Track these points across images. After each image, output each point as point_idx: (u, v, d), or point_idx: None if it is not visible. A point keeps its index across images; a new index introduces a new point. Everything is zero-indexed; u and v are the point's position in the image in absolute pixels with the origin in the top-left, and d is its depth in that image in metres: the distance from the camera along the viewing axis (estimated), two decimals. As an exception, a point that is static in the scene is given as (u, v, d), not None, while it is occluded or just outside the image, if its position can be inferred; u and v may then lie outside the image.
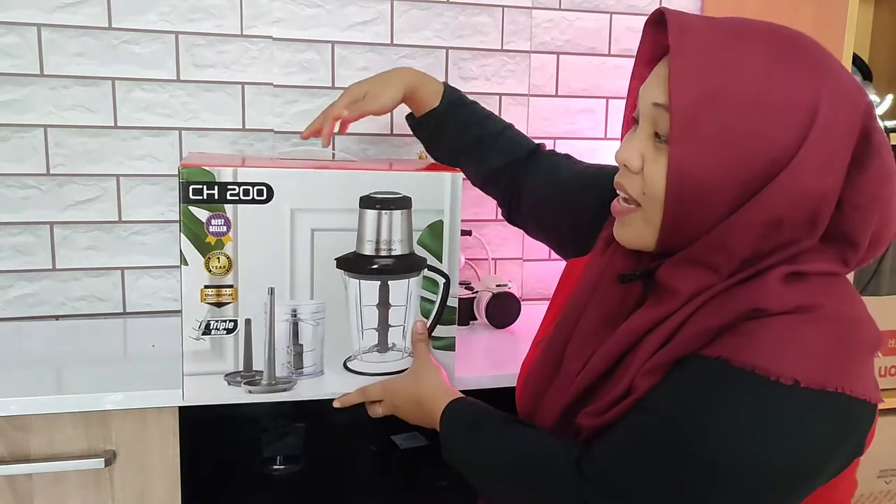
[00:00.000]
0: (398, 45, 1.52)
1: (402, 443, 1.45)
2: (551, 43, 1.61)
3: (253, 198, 0.93)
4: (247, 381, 0.99)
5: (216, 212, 0.93)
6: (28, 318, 1.42)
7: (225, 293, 0.96)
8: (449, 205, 1.01)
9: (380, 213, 0.98)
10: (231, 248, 0.94)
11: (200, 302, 0.95)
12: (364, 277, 1.00)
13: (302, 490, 1.37)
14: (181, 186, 0.91)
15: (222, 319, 0.96)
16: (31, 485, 1.05)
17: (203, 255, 0.94)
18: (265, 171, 0.94)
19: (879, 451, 0.93)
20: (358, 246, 0.99)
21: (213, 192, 0.92)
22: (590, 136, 1.65)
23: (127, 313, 1.47)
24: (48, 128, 1.39)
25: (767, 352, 0.66)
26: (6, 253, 1.40)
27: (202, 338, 0.96)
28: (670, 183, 0.70)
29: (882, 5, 1.72)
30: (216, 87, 1.44)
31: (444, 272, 1.03)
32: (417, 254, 1.01)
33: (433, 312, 1.04)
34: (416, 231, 1.00)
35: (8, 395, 1.02)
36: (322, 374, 1.02)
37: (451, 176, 1.01)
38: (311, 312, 0.99)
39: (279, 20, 1.45)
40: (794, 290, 0.69)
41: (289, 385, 1.01)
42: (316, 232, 0.97)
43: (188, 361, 0.97)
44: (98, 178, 1.42)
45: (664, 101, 0.71)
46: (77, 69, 1.38)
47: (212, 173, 0.92)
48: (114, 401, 1.04)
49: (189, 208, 0.92)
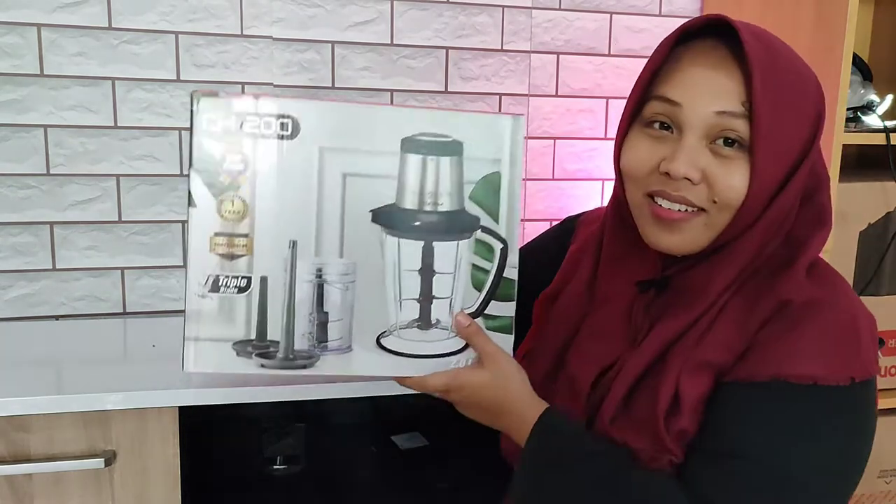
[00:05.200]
0: (398, 45, 1.52)
1: (403, 443, 1.45)
2: (551, 43, 1.61)
3: (276, 132, 0.80)
4: (259, 353, 0.82)
5: (233, 146, 0.79)
6: (28, 318, 1.42)
7: (238, 244, 0.81)
8: (508, 154, 0.84)
9: (425, 159, 0.82)
10: (247, 191, 0.80)
11: (209, 252, 0.80)
12: (404, 235, 0.83)
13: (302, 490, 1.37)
14: (194, 115, 0.78)
15: (234, 275, 0.81)
16: (31, 485, 1.05)
17: (215, 197, 0.79)
18: (291, 102, 0.80)
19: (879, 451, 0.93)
20: (398, 198, 0.82)
21: (230, 123, 0.79)
22: (590, 137, 1.65)
23: (127, 313, 1.47)
24: (48, 128, 1.39)
25: (815, 356, 0.71)
26: (6, 253, 1.40)
27: (209, 295, 0.80)
28: (755, 187, 0.72)
29: (882, 5, 1.72)
30: (216, 87, 1.44)
31: (500, 236, 0.85)
32: (469, 211, 0.84)
33: (487, 285, 0.86)
34: (467, 184, 0.83)
35: (8, 395, 1.02)
36: (350, 349, 0.85)
37: (513, 119, 0.83)
38: (339, 274, 0.83)
39: (279, 20, 1.45)
40: (813, 281, 0.76)
41: (309, 361, 0.84)
42: (348, 177, 0.82)
43: (191, 322, 0.81)
44: (98, 178, 1.42)
45: (735, 108, 0.72)
46: (77, 69, 1.38)
47: (230, 101, 0.79)
48: (114, 401, 1.04)
49: (202, 140, 0.79)
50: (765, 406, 0.71)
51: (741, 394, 0.72)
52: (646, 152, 0.77)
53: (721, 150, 0.73)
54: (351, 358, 0.85)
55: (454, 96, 1.56)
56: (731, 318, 0.75)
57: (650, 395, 0.76)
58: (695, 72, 0.74)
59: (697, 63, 0.75)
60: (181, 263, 1.48)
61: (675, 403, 0.74)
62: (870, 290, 1.46)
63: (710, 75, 0.74)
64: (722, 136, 0.73)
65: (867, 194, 1.44)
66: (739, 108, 0.72)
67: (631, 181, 0.79)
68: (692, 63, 0.75)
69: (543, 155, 1.63)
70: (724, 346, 0.74)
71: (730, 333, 0.74)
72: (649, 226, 0.78)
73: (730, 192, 0.73)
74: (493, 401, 0.82)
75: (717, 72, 0.73)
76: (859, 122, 1.44)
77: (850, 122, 1.43)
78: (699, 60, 0.75)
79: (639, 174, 0.77)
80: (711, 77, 0.73)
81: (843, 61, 1.30)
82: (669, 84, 0.75)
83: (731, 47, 0.73)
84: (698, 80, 0.74)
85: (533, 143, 1.62)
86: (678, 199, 0.75)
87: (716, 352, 0.74)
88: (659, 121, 0.76)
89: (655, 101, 0.76)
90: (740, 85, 0.72)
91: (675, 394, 0.74)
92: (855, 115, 1.44)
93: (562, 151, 1.64)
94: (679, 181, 0.74)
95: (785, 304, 0.73)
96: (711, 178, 0.73)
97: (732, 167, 0.73)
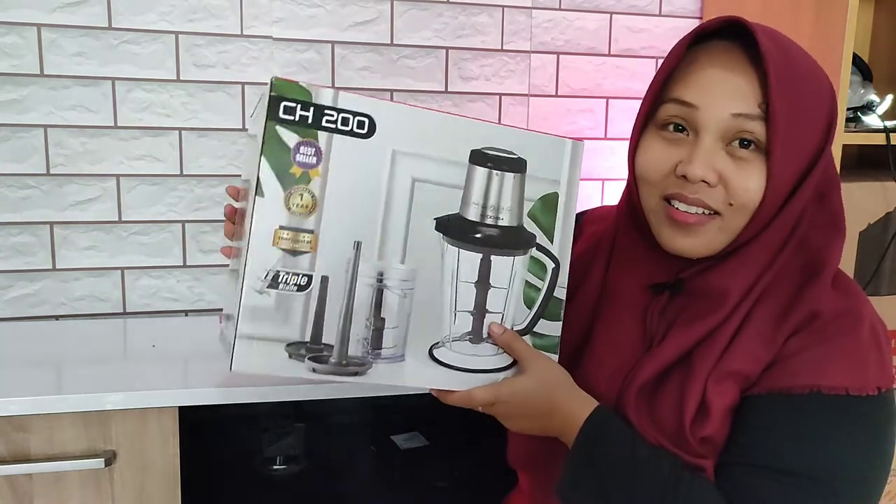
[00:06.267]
0: (398, 45, 1.52)
1: (403, 443, 1.45)
2: (551, 43, 1.61)
3: (352, 129, 0.78)
4: (312, 357, 0.80)
5: (307, 138, 0.77)
6: (28, 318, 1.42)
7: (303, 239, 0.78)
8: (567, 176, 0.85)
9: (490, 173, 0.82)
10: (318, 186, 0.77)
11: (272, 245, 0.77)
12: (465, 246, 0.83)
13: (302, 490, 1.37)
14: (271, 101, 0.75)
15: (295, 272, 0.78)
16: (31, 485, 1.05)
17: (285, 189, 0.76)
18: (370, 101, 0.78)
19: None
20: (462, 208, 0.82)
21: (308, 115, 0.76)
22: (590, 136, 1.65)
23: (127, 313, 1.47)
24: (48, 128, 1.39)
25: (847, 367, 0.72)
26: (6, 253, 1.40)
27: (267, 291, 0.77)
28: (771, 189, 0.73)
29: (882, 5, 1.72)
30: (216, 87, 1.44)
31: (553, 255, 0.86)
32: (527, 228, 0.85)
33: (537, 302, 0.86)
34: (527, 201, 0.84)
35: (8, 395, 1.02)
36: (403, 359, 0.83)
37: (573, 143, 0.85)
38: (399, 280, 0.81)
39: (279, 20, 1.45)
40: (839, 291, 0.77)
41: (361, 368, 0.82)
42: (417, 183, 0.81)
43: (245, 320, 0.77)
44: (98, 178, 1.42)
45: (751, 110, 0.72)
46: (77, 69, 1.38)
47: (309, 91, 0.76)
48: (114, 401, 1.04)
49: (276, 128, 0.76)
50: (808, 419, 0.72)
51: (781, 406, 0.73)
52: (661, 155, 0.76)
53: (737, 151, 0.73)
54: (403, 368, 0.83)
55: (454, 96, 1.56)
56: (758, 329, 0.75)
57: (675, 402, 0.76)
58: (711, 73, 0.74)
59: (713, 65, 0.74)
60: (181, 263, 1.48)
61: (701, 411, 0.74)
62: (870, 290, 1.46)
63: (726, 77, 0.73)
64: (738, 137, 0.73)
65: (867, 194, 1.44)
66: (756, 110, 0.72)
67: (646, 184, 0.78)
68: (708, 65, 0.75)
69: (543, 155, 1.63)
70: (751, 356, 0.74)
71: (756, 344, 0.75)
72: (664, 228, 0.77)
73: (746, 194, 0.73)
74: (541, 406, 0.80)
75: (734, 73, 0.73)
76: (859, 122, 1.44)
77: (850, 122, 1.43)
78: (715, 62, 0.74)
79: (654, 177, 0.77)
80: (727, 79, 0.73)
81: (843, 61, 1.30)
82: (685, 86, 0.75)
83: (746, 49, 0.73)
84: (714, 81, 0.74)
85: (533, 143, 1.62)
86: (694, 201, 0.74)
87: (743, 362, 0.74)
88: (674, 123, 0.76)
89: (671, 104, 0.76)
90: (756, 86, 0.72)
91: (701, 401, 0.74)
92: (855, 115, 1.44)
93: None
94: (696, 184, 0.74)
95: (815, 314, 0.74)
96: (728, 180, 0.73)
97: (749, 169, 0.73)
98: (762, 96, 0.72)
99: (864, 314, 0.76)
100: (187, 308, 1.50)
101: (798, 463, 0.71)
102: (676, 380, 0.77)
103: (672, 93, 0.76)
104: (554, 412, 0.79)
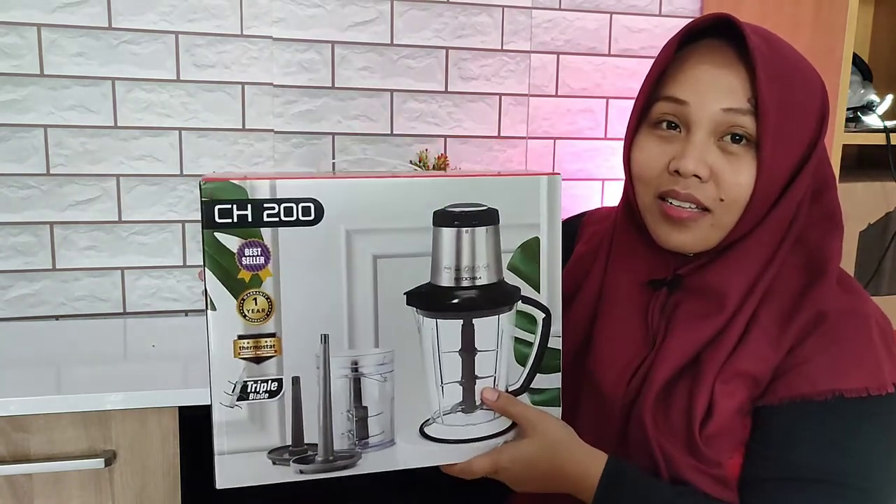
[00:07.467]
0: (398, 45, 1.52)
1: (402, 443, 1.44)
2: (551, 43, 1.61)
3: (297, 218, 0.73)
4: (297, 459, 0.78)
5: (251, 238, 0.72)
6: (28, 318, 1.42)
7: (265, 345, 0.74)
8: (546, 216, 0.78)
9: (459, 232, 0.76)
10: (271, 286, 0.73)
11: (234, 357, 0.73)
12: (442, 316, 0.78)
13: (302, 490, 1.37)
14: (204, 207, 0.70)
15: (263, 379, 0.75)
16: (31, 485, 1.05)
17: (235, 297, 0.72)
18: (312, 183, 0.73)
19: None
20: (433, 276, 0.77)
21: (246, 213, 0.71)
22: (590, 136, 1.65)
23: (127, 313, 1.47)
24: (48, 128, 1.39)
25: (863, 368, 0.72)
26: (6, 253, 1.40)
27: (237, 404, 0.75)
28: (762, 183, 0.73)
29: (882, 5, 1.72)
30: (216, 87, 1.44)
31: (542, 304, 0.80)
32: (508, 282, 0.79)
33: (530, 358, 0.81)
34: (505, 253, 0.78)
35: (8, 395, 1.02)
36: (393, 443, 0.80)
37: (548, 179, 0.78)
38: (376, 365, 0.77)
39: (279, 20, 1.45)
40: (844, 289, 0.77)
41: (350, 461, 0.80)
42: (379, 260, 0.76)
43: (220, 435, 0.76)
44: (98, 178, 1.42)
45: (741, 105, 0.73)
46: (77, 69, 1.38)
47: (243, 188, 0.71)
48: (114, 401, 1.04)
49: (215, 235, 0.71)
50: (833, 424, 0.72)
51: (804, 414, 0.73)
52: (655, 152, 0.77)
53: (729, 146, 0.74)
54: (394, 452, 0.80)
55: (454, 96, 1.56)
56: (764, 330, 0.75)
57: (685, 408, 0.76)
58: (701, 70, 0.75)
59: (703, 62, 0.75)
60: (181, 263, 1.48)
61: (708, 413, 0.75)
62: (870, 290, 1.46)
63: (716, 73, 0.74)
64: (729, 132, 0.74)
65: (867, 194, 1.44)
66: (746, 105, 0.73)
67: (641, 183, 0.79)
68: (698, 62, 0.76)
69: (543, 155, 1.63)
70: (758, 357, 0.75)
71: (763, 345, 0.75)
72: (659, 225, 0.78)
73: (737, 188, 0.73)
74: (546, 468, 0.77)
75: (723, 70, 0.74)
76: (859, 122, 1.44)
77: (850, 122, 1.43)
78: (705, 59, 0.75)
79: (649, 175, 0.78)
80: (718, 75, 0.74)
81: (843, 61, 1.30)
82: (676, 84, 0.76)
83: (735, 46, 0.74)
84: (705, 78, 0.75)
85: (533, 143, 1.62)
86: (686, 197, 0.75)
87: (751, 363, 0.74)
88: (667, 120, 0.77)
89: (663, 102, 0.77)
90: (746, 82, 0.73)
91: (709, 404, 0.75)
92: (855, 115, 1.44)
93: (562, 151, 1.64)
94: (688, 179, 0.75)
95: (822, 315, 0.74)
96: (719, 174, 0.74)
97: (740, 164, 0.73)
98: (752, 91, 0.73)
99: (870, 312, 0.76)
100: (187, 308, 1.50)
101: (828, 471, 0.71)
102: (685, 385, 0.77)
103: (664, 91, 0.77)
104: (561, 472, 0.77)
